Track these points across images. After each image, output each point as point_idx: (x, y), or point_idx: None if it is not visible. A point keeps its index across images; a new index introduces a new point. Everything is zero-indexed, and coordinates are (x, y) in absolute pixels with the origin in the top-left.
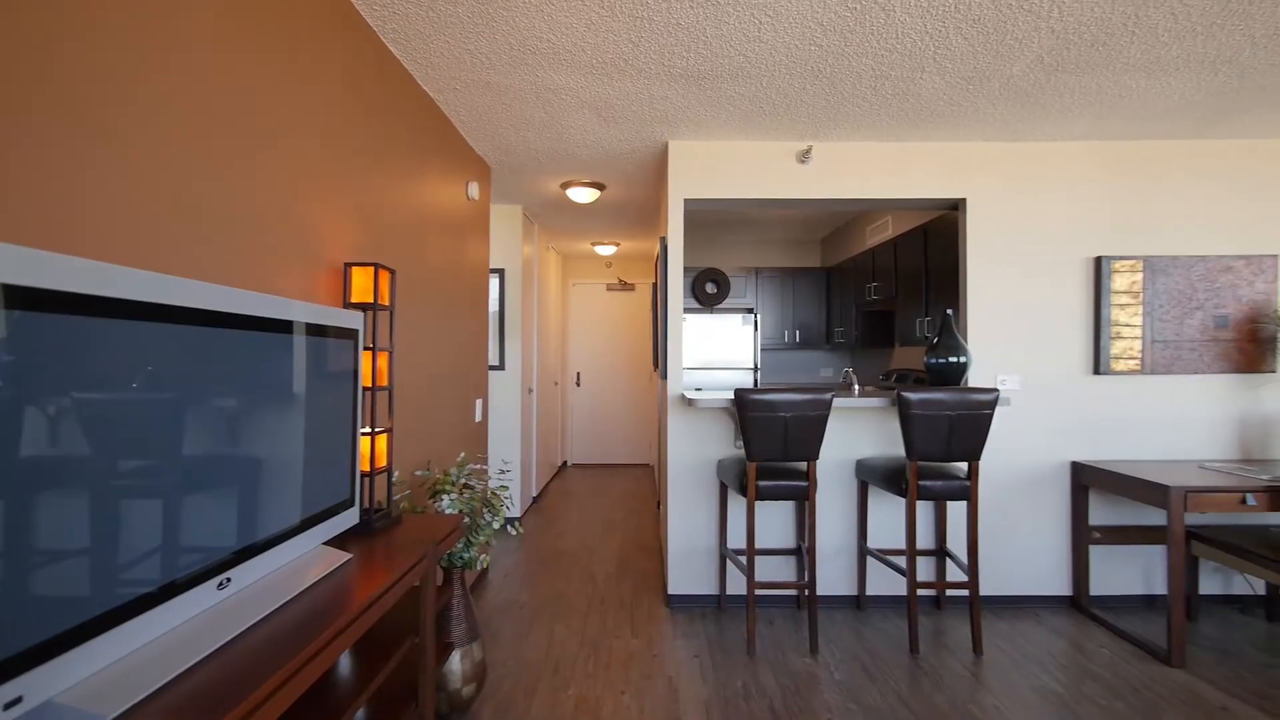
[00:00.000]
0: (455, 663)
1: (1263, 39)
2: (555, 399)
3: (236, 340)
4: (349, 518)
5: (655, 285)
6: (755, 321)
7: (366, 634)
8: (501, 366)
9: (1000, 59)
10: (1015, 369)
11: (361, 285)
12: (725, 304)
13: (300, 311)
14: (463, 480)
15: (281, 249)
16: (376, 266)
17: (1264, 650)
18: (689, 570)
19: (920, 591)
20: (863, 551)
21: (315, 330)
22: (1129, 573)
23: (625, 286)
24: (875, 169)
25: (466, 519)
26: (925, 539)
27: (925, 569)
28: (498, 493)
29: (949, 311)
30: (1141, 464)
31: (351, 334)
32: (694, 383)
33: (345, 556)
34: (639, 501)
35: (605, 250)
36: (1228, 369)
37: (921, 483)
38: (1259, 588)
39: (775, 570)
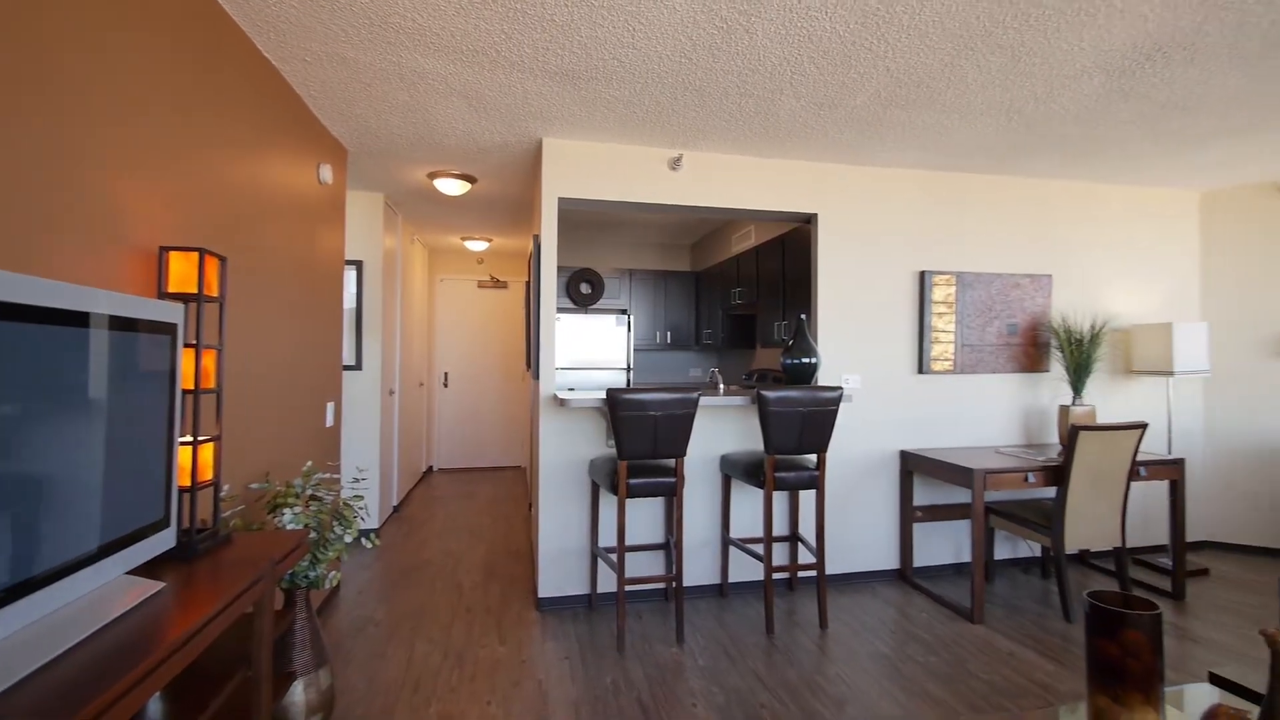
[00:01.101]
0: (298, 694)
1: (1043, 96)
2: (420, 401)
3: (8, 334)
4: (163, 540)
5: (529, 283)
6: (629, 322)
7: (188, 671)
8: (359, 367)
9: (846, 90)
10: (857, 369)
11: (182, 273)
12: (599, 304)
13: (99, 301)
14: (309, 492)
15: (76, 229)
16: (202, 252)
17: (1039, 603)
18: (560, 571)
19: (776, 575)
20: (726, 542)
21: (120, 324)
22: (943, 545)
23: (498, 284)
24: (740, 181)
25: (313, 534)
26: (781, 526)
27: (781, 554)
28: (351, 503)
29: (802, 316)
30: (953, 451)
31: (168, 329)
32: (567, 383)
33: (156, 586)
34: (509, 505)
35: (476, 246)
36: (1016, 369)
37: (777, 474)
38: (1036, 550)
39: (645, 565)
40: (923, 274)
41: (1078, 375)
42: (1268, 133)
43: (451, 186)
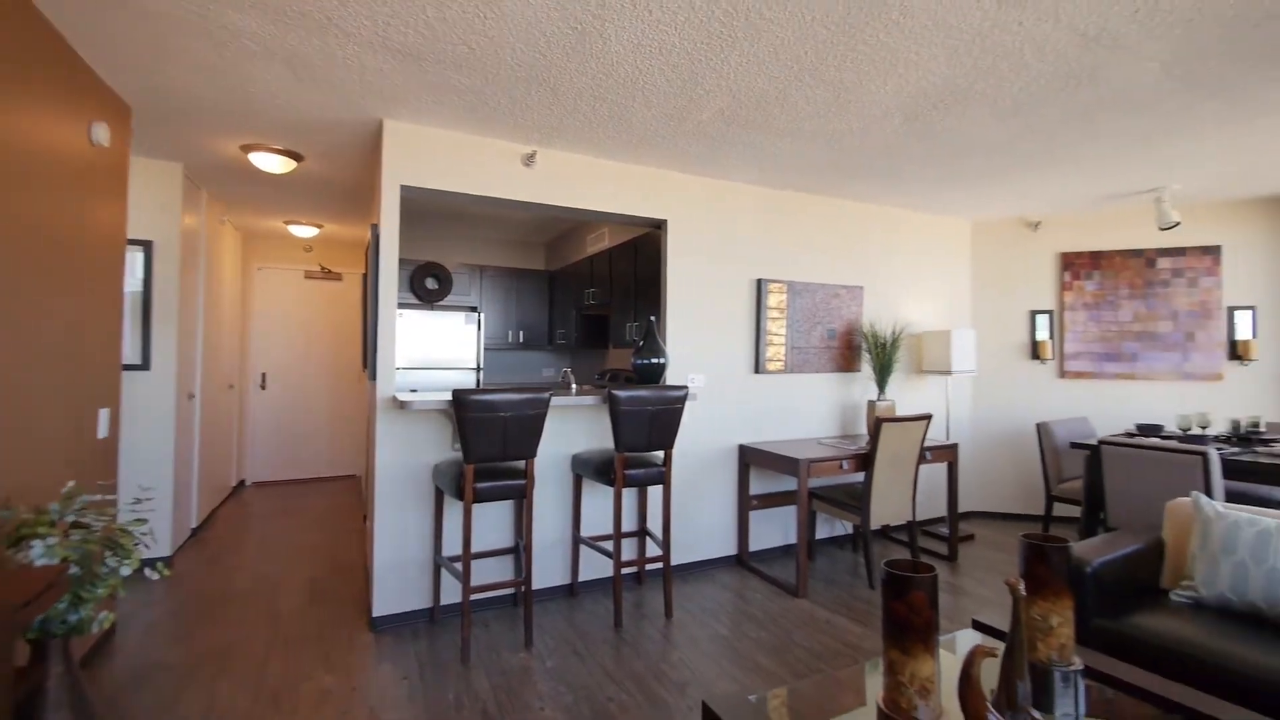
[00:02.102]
0: None
1: (858, 129)
2: (230, 406)
3: None
4: None
5: (366, 276)
6: (479, 320)
7: None
8: (145, 366)
9: (694, 105)
10: (701, 369)
11: None
12: (447, 301)
13: None
14: (71, 518)
15: None
16: None
17: (851, 575)
18: (399, 586)
19: (625, 570)
20: (577, 541)
21: None
22: (774, 529)
23: (330, 275)
24: (594, 182)
25: (75, 569)
26: (630, 522)
27: (630, 549)
28: (129, 529)
29: (652, 318)
30: (783, 443)
31: None
32: (411, 384)
33: None
34: (340, 518)
35: (304, 232)
36: (835, 369)
37: (627, 472)
38: (849, 528)
39: (493, 571)
40: (759, 281)
41: (882, 374)
42: (1017, 178)
43: (271, 163)
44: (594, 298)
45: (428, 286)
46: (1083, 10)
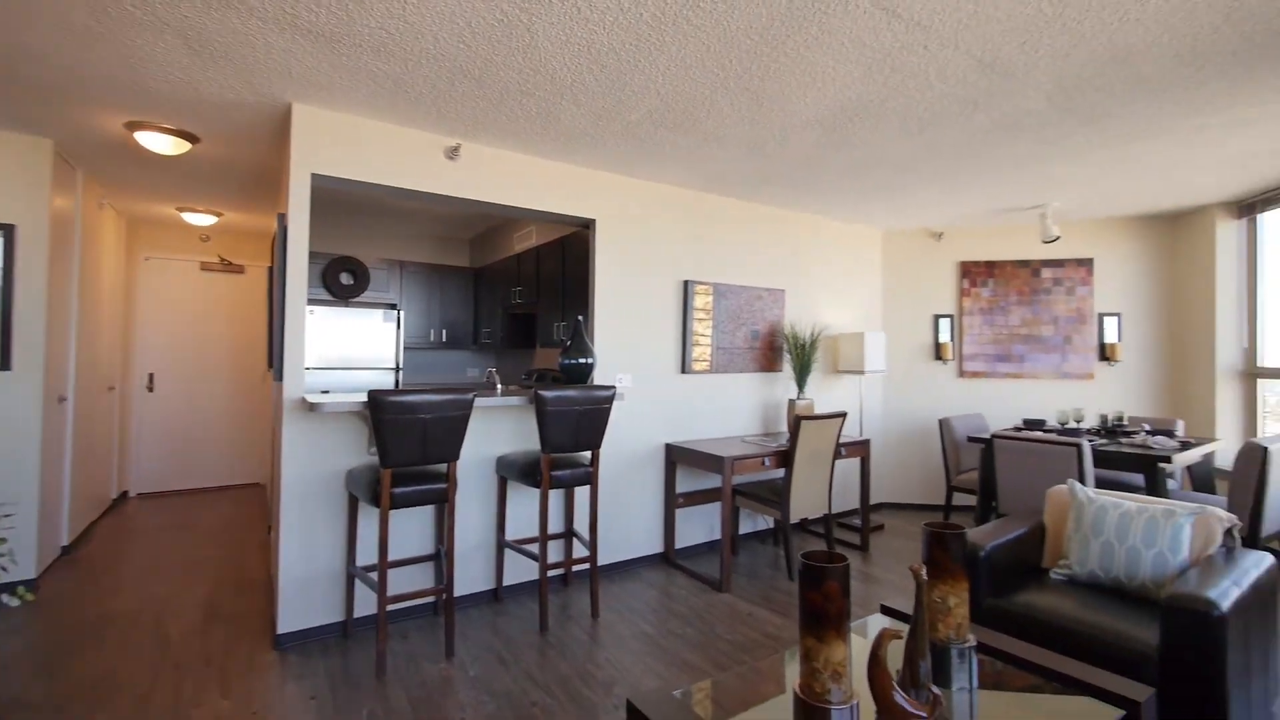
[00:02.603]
0: None
1: (780, 138)
2: (110, 409)
3: None
4: None
5: (273, 269)
6: (398, 318)
7: None
8: (5, 366)
9: (623, 106)
10: (629, 369)
11: None
12: (364, 298)
13: None
14: None
15: None
16: None
17: (772, 567)
18: (308, 600)
19: (551, 572)
20: (501, 545)
21: None
22: (700, 526)
23: (230, 268)
24: (521, 179)
25: None
26: (556, 524)
27: (556, 551)
28: None
29: (580, 318)
30: (709, 441)
31: None
32: (323, 384)
33: None
34: (241, 530)
35: (200, 220)
36: (758, 369)
37: (554, 473)
38: (771, 523)
39: (412, 580)
40: (686, 283)
41: (802, 374)
42: (923, 191)
43: (161, 143)
44: (521, 296)
45: (342, 282)
46: (979, 38)
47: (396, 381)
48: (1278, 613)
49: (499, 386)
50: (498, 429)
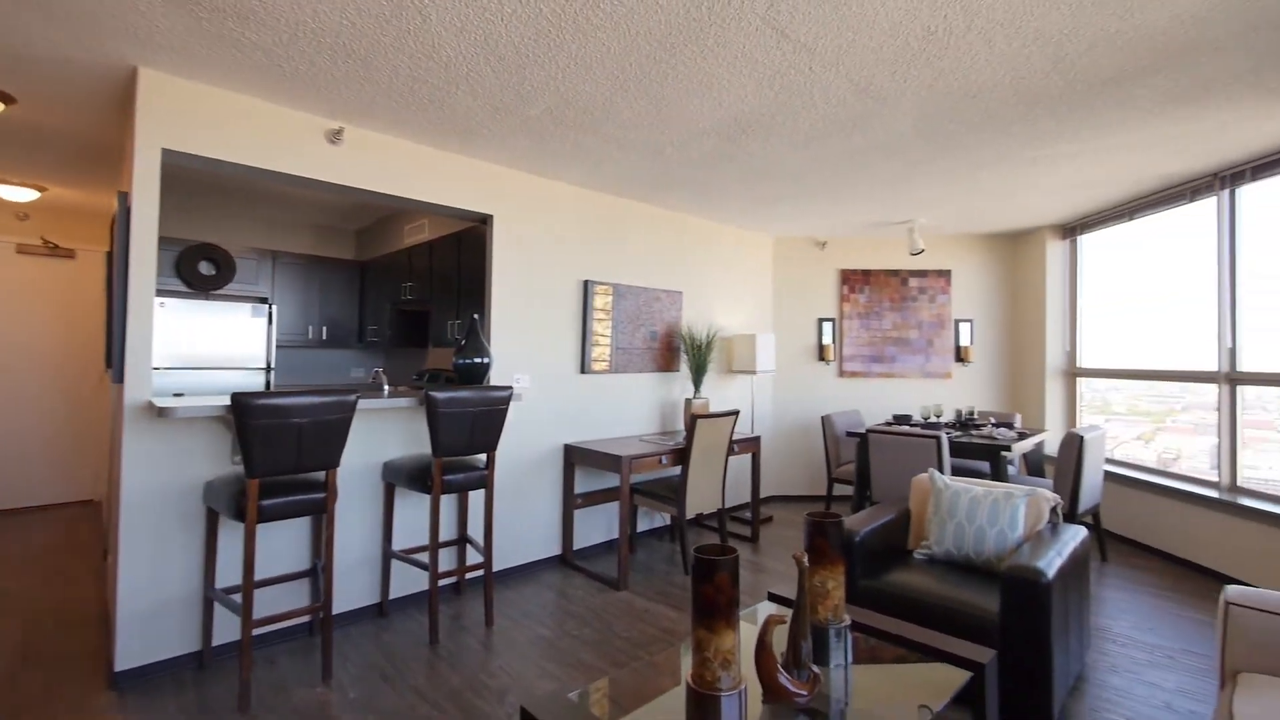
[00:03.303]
0: None
1: (679, 144)
2: None
3: None
4: None
5: (112, 255)
6: (270, 314)
7: None
8: None
9: (522, 100)
10: (527, 369)
11: None
12: (229, 290)
13: None
14: None
15: None
16: None
17: (669, 564)
18: (154, 630)
19: (443, 581)
20: (388, 555)
21: None
22: (598, 526)
23: (56, 251)
24: (413, 169)
25: None
26: (449, 530)
27: (449, 559)
28: None
29: (476, 316)
30: (607, 441)
31: None
32: (177, 386)
33: None
34: (68, 556)
35: (17, 195)
36: (656, 369)
37: (446, 477)
38: (668, 520)
39: (285, 599)
40: (586, 283)
41: (698, 374)
42: (809, 202)
43: None
44: (412, 293)
45: (202, 272)
46: (857, 64)
47: (268, 383)
48: (1088, 576)
49: (386, 387)
50: (385, 433)
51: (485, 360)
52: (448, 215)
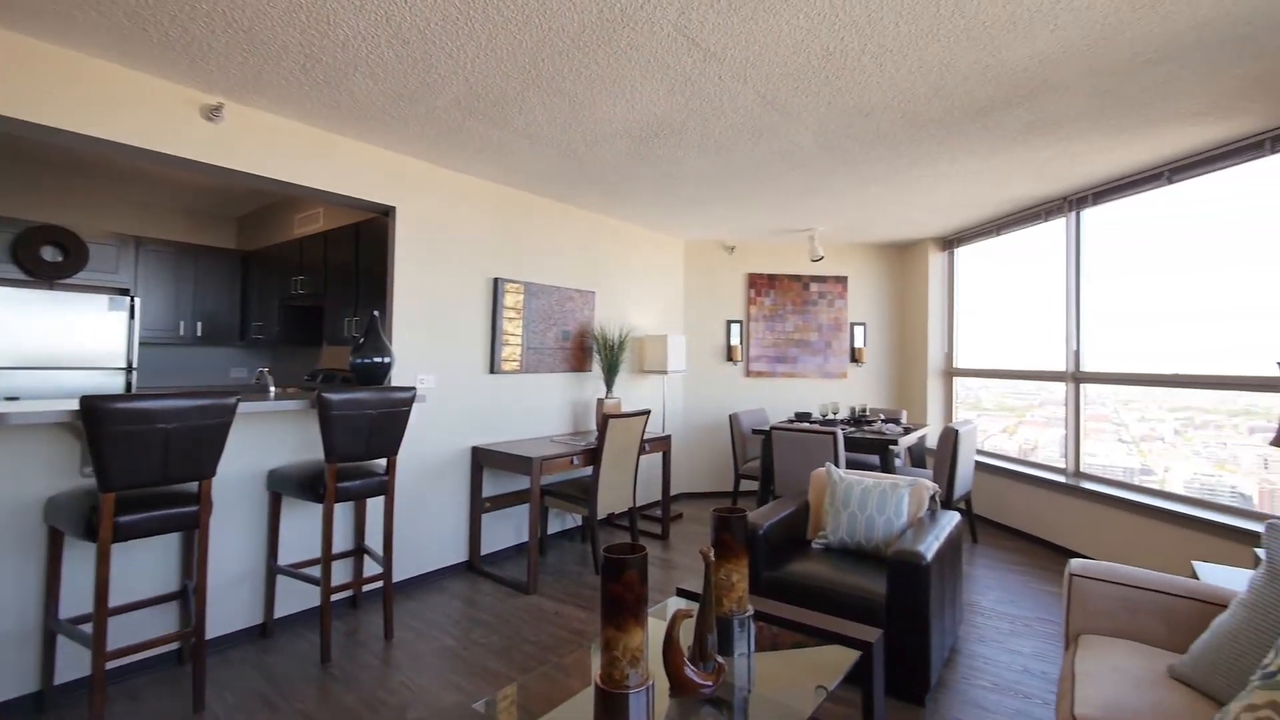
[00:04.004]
0: None
1: (592, 143)
2: None
3: None
4: None
5: None
6: (132, 307)
7: None
8: None
9: (429, 89)
10: (432, 369)
11: None
12: (79, 279)
13: None
14: None
15: None
16: None
17: (580, 564)
18: None
19: (337, 595)
20: (273, 571)
21: None
22: (508, 529)
23: None
24: (307, 154)
25: None
26: (345, 541)
27: (345, 572)
28: None
29: (376, 313)
30: (518, 443)
31: None
32: (11, 390)
33: None
34: None
35: None
36: (569, 369)
37: (341, 484)
38: (580, 520)
39: (148, 626)
40: (497, 280)
41: (610, 374)
42: (718, 207)
43: None
44: (304, 287)
45: (45, 258)
46: (763, 76)
47: (129, 384)
48: (961, 556)
49: (272, 389)
50: (271, 438)
51: (386, 360)
52: (346, 206)
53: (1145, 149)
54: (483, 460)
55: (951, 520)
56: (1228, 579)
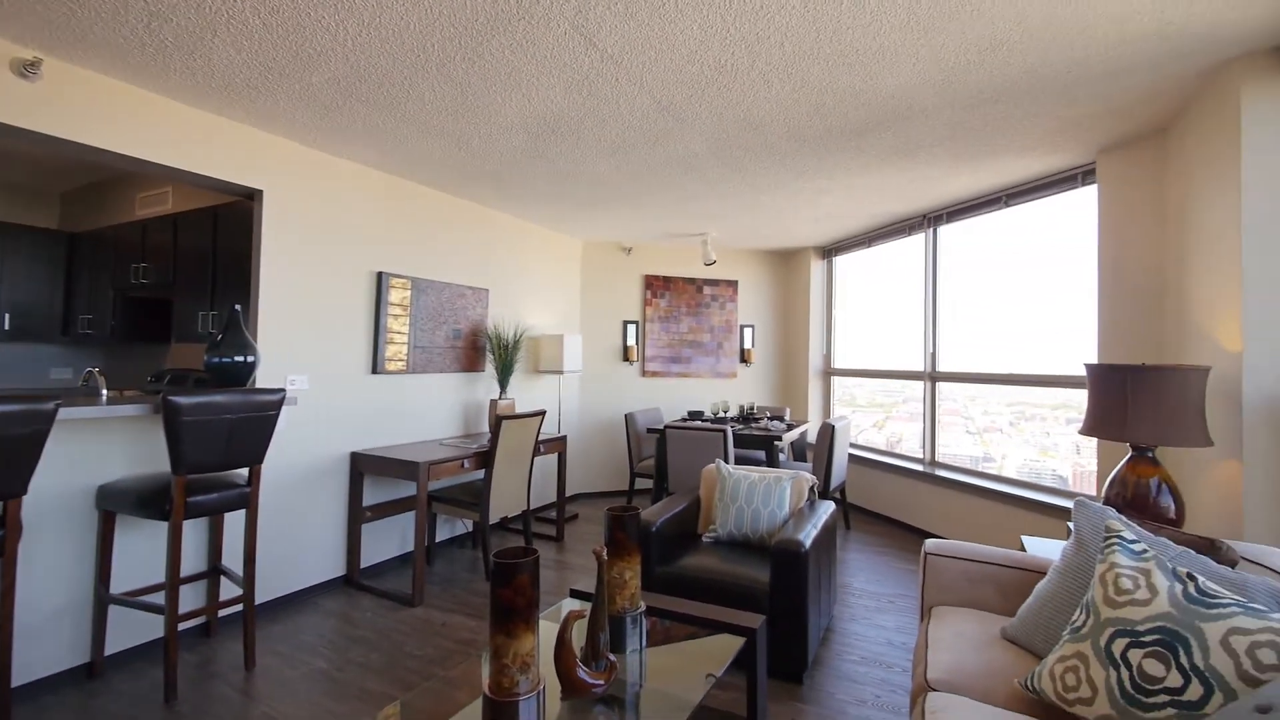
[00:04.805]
0: None
1: (486, 136)
2: None
3: None
4: None
5: None
6: None
7: None
8: None
9: (303, 64)
10: (305, 368)
11: None
12: None
13: None
14: None
15: None
16: None
17: (470, 571)
18: None
19: (188, 624)
20: (104, 601)
21: None
22: (391, 539)
23: None
24: (154, 126)
25: None
26: (198, 562)
27: (196, 597)
28: None
29: (238, 307)
30: (403, 447)
31: None
32: None
33: None
34: None
35: None
36: (460, 369)
37: (193, 499)
38: (470, 526)
39: None
40: (380, 275)
41: (504, 374)
42: (615, 209)
43: None
44: (148, 276)
45: None
46: (659, 82)
47: None
48: (835, 542)
49: (105, 392)
50: (103, 449)
51: (249, 359)
52: (202, 186)
53: (988, 175)
54: (363, 466)
55: (828, 510)
56: (1048, 550)
